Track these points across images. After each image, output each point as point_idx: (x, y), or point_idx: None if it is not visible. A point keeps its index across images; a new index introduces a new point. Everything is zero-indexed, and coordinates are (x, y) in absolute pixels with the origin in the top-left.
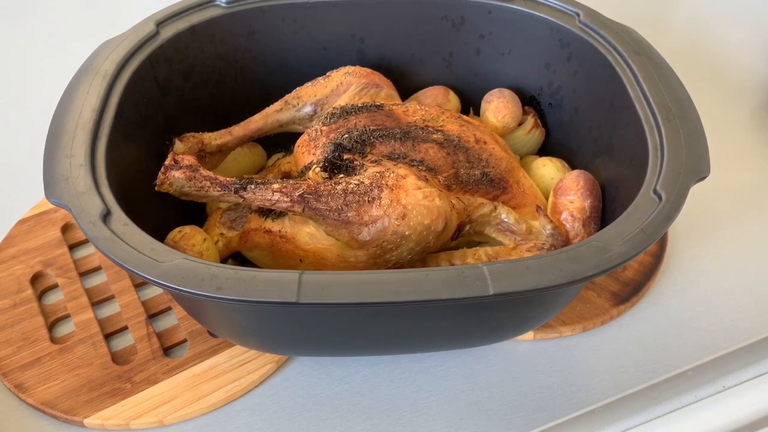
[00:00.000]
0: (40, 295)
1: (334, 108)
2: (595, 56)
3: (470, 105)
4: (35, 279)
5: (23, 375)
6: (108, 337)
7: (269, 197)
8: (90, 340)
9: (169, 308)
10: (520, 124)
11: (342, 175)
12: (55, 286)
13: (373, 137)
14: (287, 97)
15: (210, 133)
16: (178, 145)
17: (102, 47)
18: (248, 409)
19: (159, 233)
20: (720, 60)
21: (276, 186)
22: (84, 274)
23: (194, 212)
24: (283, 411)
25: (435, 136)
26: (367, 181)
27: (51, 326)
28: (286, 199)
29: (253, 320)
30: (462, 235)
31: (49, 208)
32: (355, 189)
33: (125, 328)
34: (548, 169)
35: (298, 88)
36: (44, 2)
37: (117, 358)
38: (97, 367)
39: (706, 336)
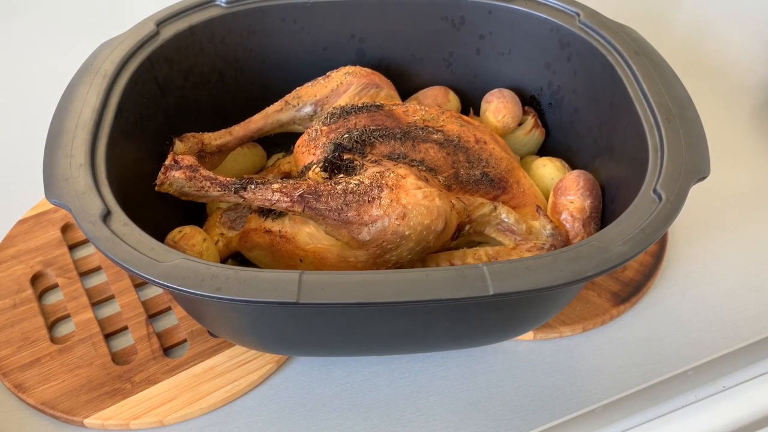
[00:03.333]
0: (40, 295)
1: (334, 108)
2: (595, 56)
3: (470, 105)
4: (35, 279)
5: (23, 375)
6: (108, 337)
7: (269, 197)
8: (90, 340)
9: (169, 308)
10: (520, 124)
11: (342, 175)
12: (55, 286)
13: (373, 137)
14: (287, 97)
15: (210, 133)
16: (178, 145)
17: (102, 47)
18: (248, 410)
19: (159, 233)
20: (720, 60)
21: (276, 186)
22: (84, 274)
23: (194, 212)
24: (283, 411)
25: (435, 136)
26: (367, 181)
27: (51, 326)
28: (286, 199)
29: (253, 320)
30: (462, 235)
31: (49, 208)
32: (355, 189)
33: (125, 328)
34: (548, 169)
35: (298, 88)
36: (44, 2)
37: (117, 358)
38: (97, 367)
39: (706, 336)
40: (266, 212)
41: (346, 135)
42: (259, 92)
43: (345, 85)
